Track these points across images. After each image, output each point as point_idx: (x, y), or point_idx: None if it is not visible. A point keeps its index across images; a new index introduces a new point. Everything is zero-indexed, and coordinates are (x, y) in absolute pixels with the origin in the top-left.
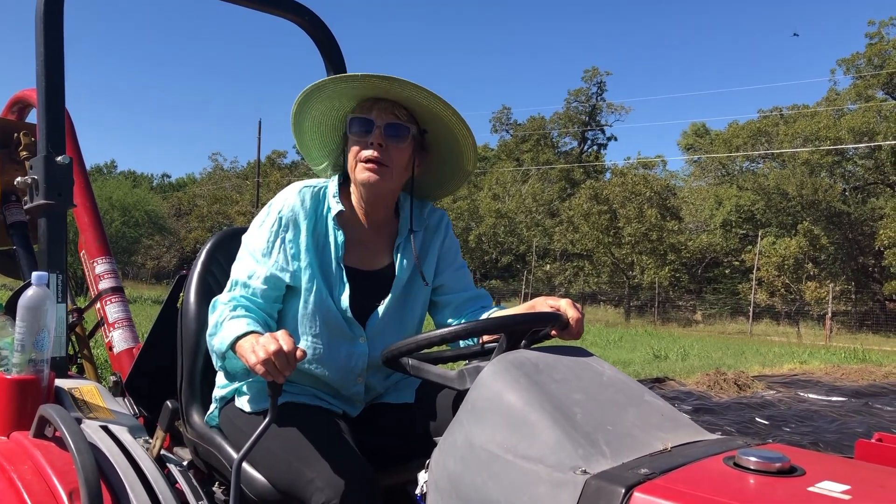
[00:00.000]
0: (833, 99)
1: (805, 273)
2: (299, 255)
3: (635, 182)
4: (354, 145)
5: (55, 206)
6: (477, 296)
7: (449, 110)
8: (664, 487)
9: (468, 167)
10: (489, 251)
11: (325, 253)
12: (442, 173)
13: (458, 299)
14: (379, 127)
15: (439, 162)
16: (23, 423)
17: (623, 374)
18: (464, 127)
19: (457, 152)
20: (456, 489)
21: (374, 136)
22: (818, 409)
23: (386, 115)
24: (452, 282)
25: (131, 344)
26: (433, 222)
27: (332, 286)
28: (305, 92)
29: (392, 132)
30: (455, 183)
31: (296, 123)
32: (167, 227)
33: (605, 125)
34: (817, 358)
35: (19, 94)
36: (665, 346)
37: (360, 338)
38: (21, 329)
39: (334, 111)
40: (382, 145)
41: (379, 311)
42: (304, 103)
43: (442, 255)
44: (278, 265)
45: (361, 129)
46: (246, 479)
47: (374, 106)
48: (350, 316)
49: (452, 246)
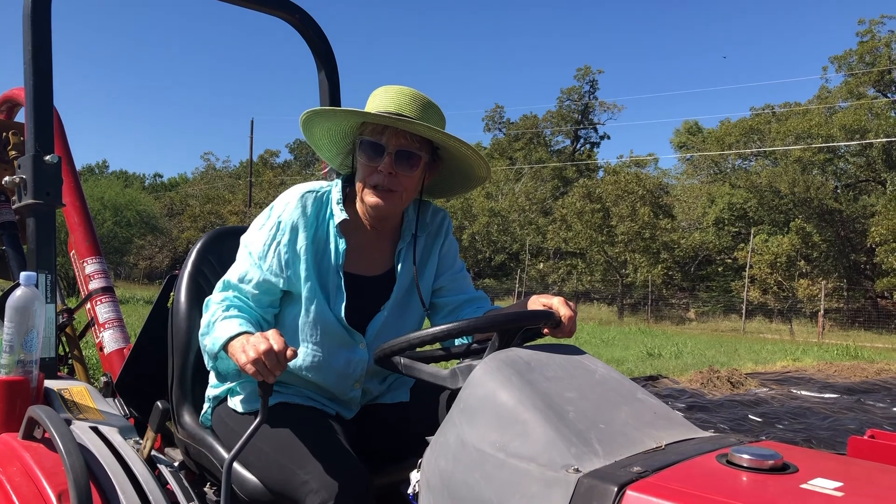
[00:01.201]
0: (825, 97)
1: (797, 270)
2: (297, 262)
3: (628, 180)
4: (364, 167)
5: (44, 206)
6: (475, 297)
7: (463, 146)
8: (657, 486)
9: (481, 174)
10: (483, 250)
11: (325, 260)
12: (453, 179)
13: (456, 301)
14: (390, 154)
15: (452, 169)
16: (12, 425)
17: (616, 372)
18: (477, 157)
19: (468, 168)
20: (448, 488)
21: (384, 164)
22: (811, 406)
23: (398, 140)
24: (451, 284)
25: (122, 344)
26: (435, 225)
27: (329, 295)
28: (314, 111)
29: (403, 160)
30: (466, 189)
31: (306, 129)
32: (159, 227)
33: (597, 123)
34: (810, 355)
35: (7, 94)
36: (658, 343)
37: (360, 344)
38: (9, 330)
39: (344, 125)
40: (392, 173)
41: (379, 316)
42: (311, 121)
43: (442, 258)
44: (272, 270)
45: (372, 154)
46: (238, 480)
47: (385, 129)
48: (346, 324)
49: (452, 248)
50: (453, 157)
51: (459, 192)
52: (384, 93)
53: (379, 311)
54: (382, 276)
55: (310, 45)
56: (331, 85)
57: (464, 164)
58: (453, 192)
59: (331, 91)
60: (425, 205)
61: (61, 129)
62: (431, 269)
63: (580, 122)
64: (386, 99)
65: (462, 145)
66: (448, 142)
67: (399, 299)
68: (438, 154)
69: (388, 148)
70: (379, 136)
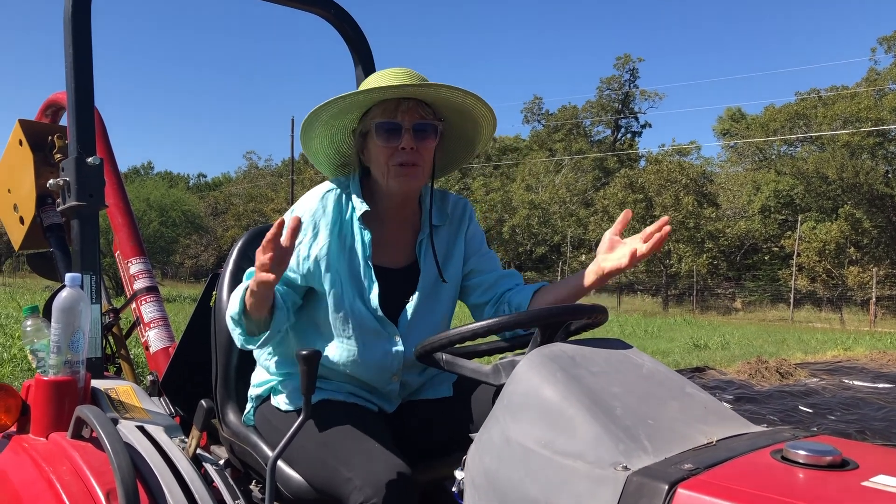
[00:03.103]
0: (874, 79)
1: (847, 258)
2: (319, 259)
3: (671, 169)
4: (382, 151)
5: (87, 208)
6: (508, 274)
7: (479, 103)
8: (709, 483)
9: (484, 137)
10: (523, 242)
11: (353, 254)
12: (454, 152)
13: (490, 278)
14: (408, 130)
15: (452, 141)
16: (61, 425)
17: (663, 366)
18: (490, 113)
19: (473, 132)
20: (493, 486)
21: (404, 141)
22: (864, 397)
23: (412, 115)
24: (481, 265)
25: (167, 343)
26: (457, 214)
27: (360, 287)
28: (329, 101)
29: (421, 133)
30: (465, 159)
31: (305, 131)
32: (204, 227)
33: (638, 112)
34: (862, 344)
35: (52, 98)
36: (704, 334)
37: (395, 336)
38: (56, 331)
39: (347, 118)
40: (414, 148)
41: (409, 308)
42: (321, 113)
43: (468, 242)
44: (290, 267)
45: (390, 134)
46: (282, 478)
47: (398, 108)
48: (381, 315)
49: (477, 233)
50: (460, 120)
51: (459, 163)
52: (379, 76)
53: (408, 303)
54: (406, 269)
55: (346, 39)
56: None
57: (468, 125)
58: (453, 166)
59: None
60: (444, 195)
61: (104, 130)
62: (459, 256)
63: (620, 112)
64: (385, 80)
65: (478, 102)
66: (467, 99)
67: (426, 290)
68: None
69: (405, 124)
70: (393, 115)
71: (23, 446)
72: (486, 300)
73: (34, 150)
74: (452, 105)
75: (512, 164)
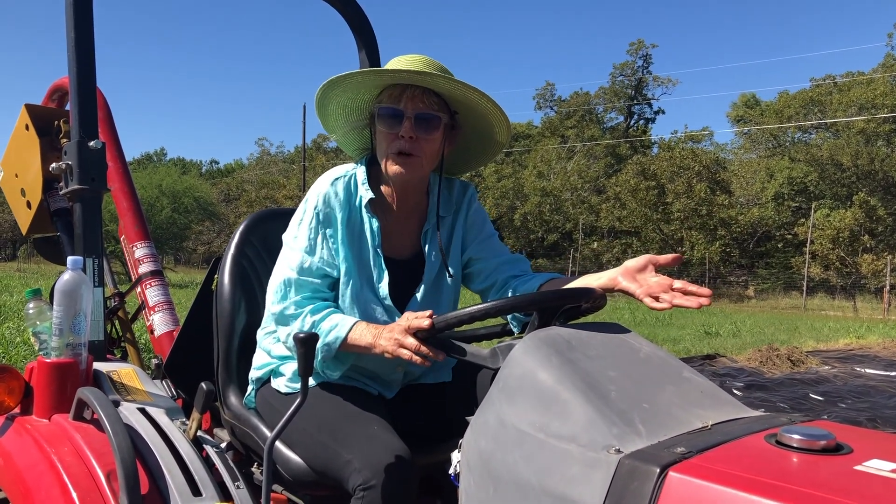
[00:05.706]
0: (890, 65)
1: (861, 245)
2: (339, 250)
3: (683, 156)
4: (384, 136)
5: (89, 191)
6: (512, 260)
7: (483, 98)
8: (701, 467)
9: (501, 139)
10: (535, 230)
11: (363, 242)
12: (472, 149)
13: (491, 265)
14: (409, 118)
15: (470, 138)
16: (63, 406)
17: (662, 351)
18: (497, 110)
19: (488, 129)
20: (487, 468)
21: (404, 129)
22: (876, 385)
23: (416, 103)
24: (481, 251)
25: (171, 327)
26: (459, 200)
27: (370, 275)
28: (331, 80)
29: (423, 123)
30: (487, 157)
31: (320, 107)
32: (216, 213)
33: (651, 99)
34: (875, 332)
35: (58, 82)
36: (716, 322)
37: None
38: (58, 313)
39: (360, 98)
40: (413, 137)
41: (415, 298)
42: (329, 91)
43: (468, 227)
44: (324, 261)
45: (391, 120)
46: (282, 460)
47: (402, 94)
48: (390, 304)
49: (477, 217)
50: (473, 116)
51: (481, 161)
52: (397, 60)
53: (414, 293)
54: (412, 259)
55: (349, 23)
56: (372, 64)
57: (482, 123)
58: (474, 164)
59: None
60: (450, 183)
61: (108, 115)
62: (458, 244)
63: (633, 98)
64: (399, 65)
65: (482, 97)
66: (468, 94)
67: (431, 281)
68: (456, 120)
69: (407, 112)
70: (397, 102)
71: (26, 427)
72: (487, 286)
73: (40, 135)
74: (456, 97)
75: (524, 150)
